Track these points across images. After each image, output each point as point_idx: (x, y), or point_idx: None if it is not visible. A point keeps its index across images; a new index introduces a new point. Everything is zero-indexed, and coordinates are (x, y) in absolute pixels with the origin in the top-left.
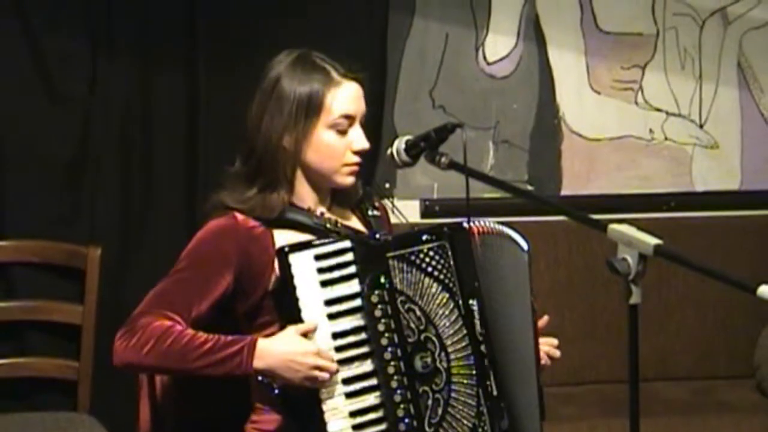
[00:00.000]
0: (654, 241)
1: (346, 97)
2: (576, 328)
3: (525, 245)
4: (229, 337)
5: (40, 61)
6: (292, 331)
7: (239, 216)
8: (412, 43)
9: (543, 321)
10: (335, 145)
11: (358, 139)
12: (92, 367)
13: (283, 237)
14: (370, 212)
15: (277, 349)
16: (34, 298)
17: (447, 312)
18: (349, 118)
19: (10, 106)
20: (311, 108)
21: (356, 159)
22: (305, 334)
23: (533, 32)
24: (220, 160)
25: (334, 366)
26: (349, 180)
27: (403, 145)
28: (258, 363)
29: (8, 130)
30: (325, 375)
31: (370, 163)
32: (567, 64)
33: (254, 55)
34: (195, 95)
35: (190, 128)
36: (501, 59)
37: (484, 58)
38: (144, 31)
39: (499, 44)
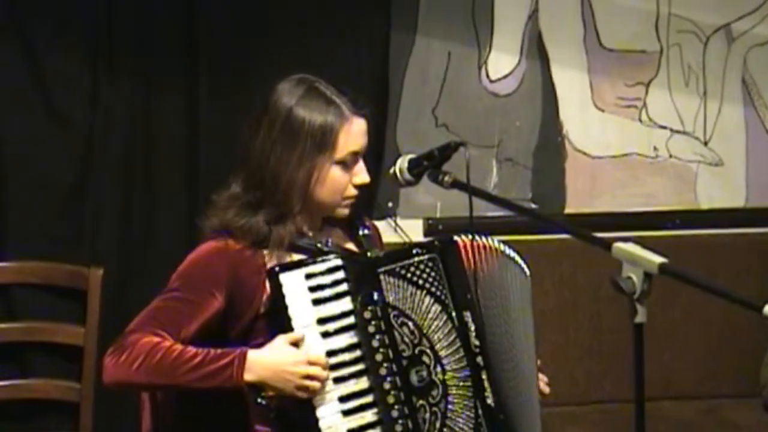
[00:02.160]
0: (659, 259)
1: (356, 133)
2: (580, 347)
3: (524, 266)
4: (219, 350)
5: (40, 81)
6: (281, 340)
7: (230, 238)
8: (414, 61)
9: (543, 386)
10: (340, 180)
11: (360, 173)
12: (94, 389)
13: (274, 258)
14: (360, 232)
15: (268, 360)
16: (36, 319)
17: (440, 324)
18: (356, 154)
19: (11, 127)
20: (324, 144)
21: (356, 192)
22: (295, 344)
23: (536, 50)
24: (222, 182)
25: (325, 374)
26: (347, 211)
27: (406, 164)
28: (249, 375)
29: (9, 151)
30: (317, 384)
31: (373, 182)
32: (570, 82)
33: (255, 75)
34: (196, 116)
35: (191, 149)
36: (504, 77)
37: (487, 75)
38: (145, 52)
39: (502, 62)
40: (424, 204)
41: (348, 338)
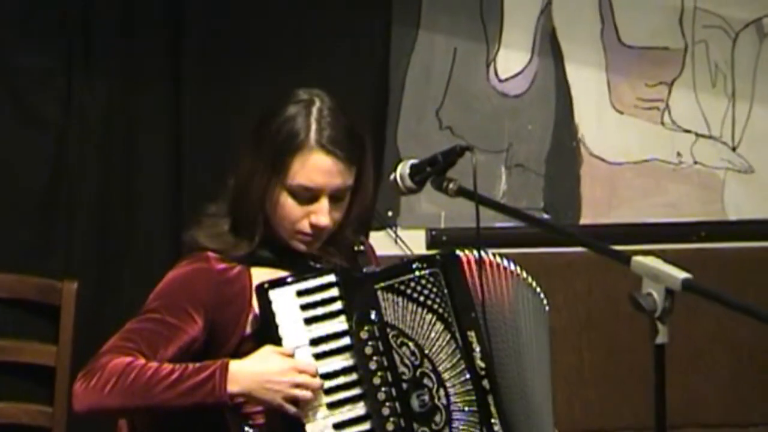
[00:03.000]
0: (682, 274)
1: (312, 168)
2: (596, 370)
3: (539, 291)
4: (198, 364)
5: (9, 79)
6: (268, 350)
7: (213, 256)
8: (416, 58)
9: None
10: (291, 210)
11: (317, 213)
12: (67, 414)
13: (262, 275)
14: (354, 248)
15: (253, 370)
16: (4, 337)
17: (443, 344)
18: (308, 191)
19: None
20: (277, 164)
21: (309, 231)
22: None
23: (549, 46)
24: (208, 190)
25: (317, 382)
26: (301, 247)
27: (407, 170)
28: (232, 387)
29: None
30: (308, 394)
31: (372, 189)
32: (586, 81)
33: (245, 75)
34: (180, 118)
35: (175, 154)
36: (514, 76)
37: (496, 74)
38: (125, 48)
39: (512, 59)
40: (426, 214)
41: (343, 360)
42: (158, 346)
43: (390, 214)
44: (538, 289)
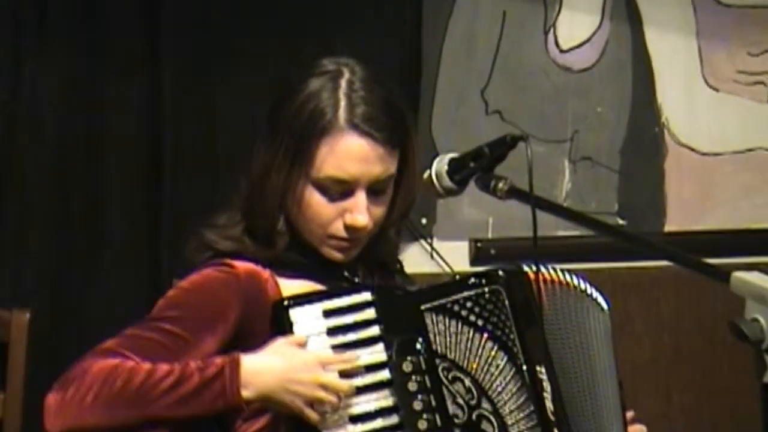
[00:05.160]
0: None
1: (343, 155)
2: (687, 414)
3: (604, 303)
4: (200, 362)
5: None
6: (283, 341)
7: (239, 264)
8: (456, 24)
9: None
10: (320, 209)
11: (353, 211)
12: None
13: (291, 288)
14: (393, 267)
15: (271, 364)
16: None
17: (507, 380)
18: (343, 184)
19: None
20: (299, 153)
21: (345, 234)
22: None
23: (624, 7)
24: (193, 193)
25: (345, 384)
26: (336, 255)
27: (445, 167)
28: (247, 387)
29: None
30: (333, 398)
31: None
32: (672, 51)
33: (237, 51)
34: (158, 108)
35: (152, 150)
36: (579, 45)
37: (557, 44)
38: (90, 24)
39: (577, 25)
40: (470, 221)
41: (381, 399)
42: (161, 361)
43: (424, 222)
44: (598, 295)
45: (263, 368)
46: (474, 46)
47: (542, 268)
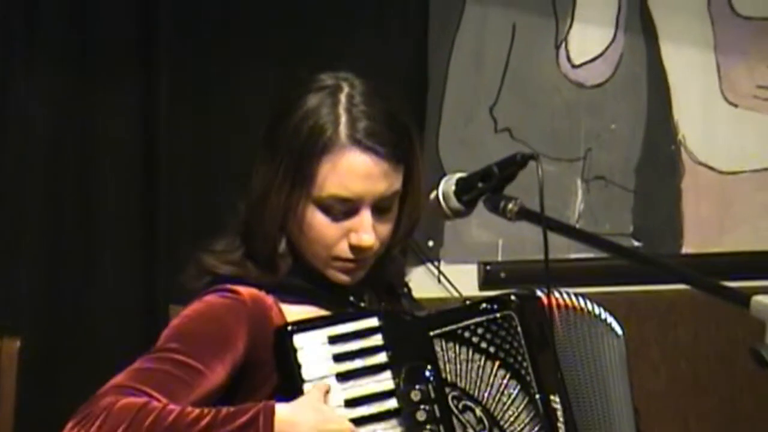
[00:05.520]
0: None
1: (346, 172)
2: None
3: (619, 329)
4: (233, 407)
5: None
6: (315, 394)
7: (243, 289)
8: (464, 37)
9: None
10: (322, 230)
11: (358, 231)
12: None
13: (295, 312)
14: (399, 290)
15: (305, 416)
16: None
17: (519, 409)
18: (346, 203)
19: None
20: (299, 172)
21: (350, 256)
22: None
23: (639, 19)
24: (189, 200)
25: None
26: (342, 278)
27: (453, 187)
28: None
29: None
30: None
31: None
32: (689, 65)
33: (238, 56)
34: (153, 112)
35: (147, 155)
36: (592, 60)
37: (568, 58)
38: (83, 24)
39: (590, 38)
40: (479, 243)
41: (388, 429)
42: (176, 393)
43: (431, 244)
44: (612, 320)
45: (296, 419)
46: (482, 61)
47: (555, 293)
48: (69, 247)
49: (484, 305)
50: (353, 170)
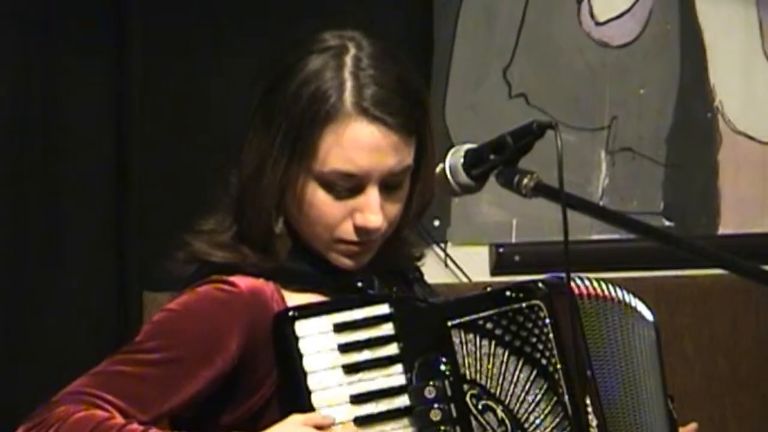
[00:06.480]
0: None
1: (351, 145)
2: None
3: (650, 314)
4: None
5: None
6: (296, 422)
7: (240, 281)
8: None
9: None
10: (324, 209)
11: (364, 210)
12: None
13: (299, 301)
14: (410, 275)
15: None
16: None
17: (545, 411)
18: (351, 179)
19: None
20: (299, 144)
21: (355, 238)
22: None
23: None
24: (165, 194)
25: None
26: (346, 262)
27: (461, 160)
28: None
29: None
30: None
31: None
32: (726, 22)
33: (224, 30)
34: (125, 95)
35: (117, 145)
36: (618, 16)
37: (591, 15)
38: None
39: None
40: (490, 222)
41: (398, 430)
42: (146, 401)
43: (437, 224)
44: (643, 308)
45: None
46: (494, 18)
47: (583, 280)
48: (30, 227)
49: (508, 293)
50: (359, 143)
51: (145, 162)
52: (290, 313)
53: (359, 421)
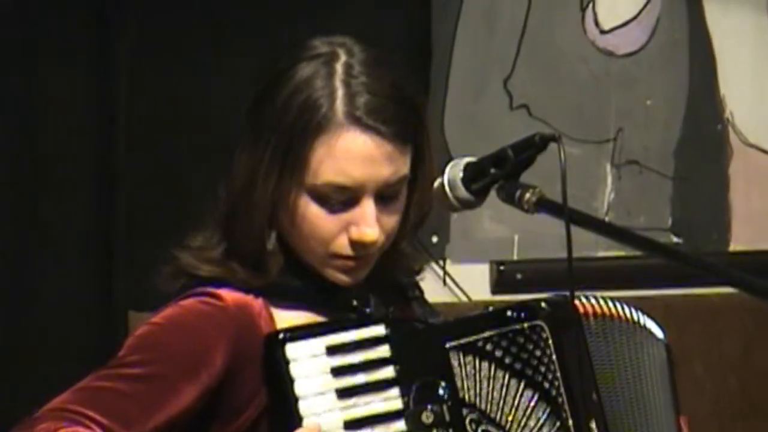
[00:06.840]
0: None
1: (344, 155)
2: None
3: (659, 332)
4: None
5: None
6: None
7: (226, 294)
8: (472, 1)
9: None
10: (317, 223)
11: (359, 223)
12: None
13: (289, 319)
14: (410, 292)
15: None
16: None
17: None
18: (345, 191)
19: None
20: (290, 156)
21: (351, 252)
22: None
23: None
24: (151, 203)
25: None
26: (342, 278)
27: (460, 173)
28: None
29: None
30: None
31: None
32: (737, 30)
33: (216, 31)
34: (109, 97)
35: (101, 151)
36: (624, 24)
37: (596, 22)
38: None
39: (621, 0)
40: (491, 239)
41: None
42: (129, 417)
43: (435, 240)
44: (654, 326)
45: None
46: (495, 26)
47: (588, 299)
48: (12, 245)
49: (509, 313)
50: (352, 153)
51: (133, 176)
52: (281, 335)
53: None
